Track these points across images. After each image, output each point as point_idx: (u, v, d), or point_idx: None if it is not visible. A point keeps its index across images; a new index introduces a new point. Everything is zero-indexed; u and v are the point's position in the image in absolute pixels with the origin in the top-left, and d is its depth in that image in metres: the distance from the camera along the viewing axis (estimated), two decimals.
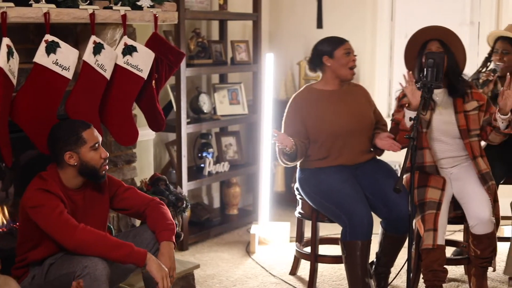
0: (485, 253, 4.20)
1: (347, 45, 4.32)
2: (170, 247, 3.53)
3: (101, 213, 3.63)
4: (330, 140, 4.26)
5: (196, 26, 5.77)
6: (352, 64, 4.29)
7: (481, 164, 4.25)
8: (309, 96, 4.35)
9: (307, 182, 4.33)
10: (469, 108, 4.26)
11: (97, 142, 3.47)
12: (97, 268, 3.25)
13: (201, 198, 6.14)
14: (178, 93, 5.20)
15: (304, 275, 4.78)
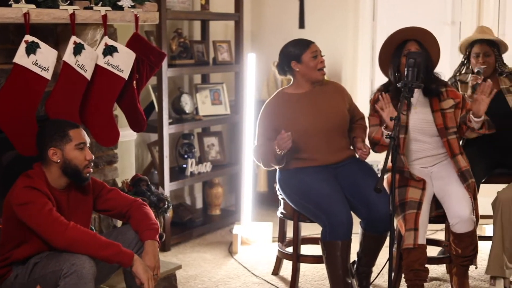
0: (466, 251, 4.22)
1: (313, 48, 4.33)
2: (155, 246, 3.53)
3: (85, 214, 3.61)
4: (304, 141, 4.27)
5: (178, 26, 5.76)
6: (321, 66, 4.31)
7: (460, 161, 4.27)
8: (280, 101, 4.37)
9: (286, 183, 4.34)
10: (445, 107, 4.27)
11: (83, 143, 3.46)
12: (84, 267, 3.24)
13: (183, 198, 6.13)
14: (160, 93, 5.18)
15: (286, 275, 4.78)
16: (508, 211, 4.15)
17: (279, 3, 6.72)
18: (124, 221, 3.74)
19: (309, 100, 4.34)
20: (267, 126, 4.34)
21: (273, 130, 4.29)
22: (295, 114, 4.30)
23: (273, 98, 4.44)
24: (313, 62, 4.28)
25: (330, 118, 4.32)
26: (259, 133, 4.39)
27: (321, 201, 4.13)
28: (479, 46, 4.78)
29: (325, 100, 4.36)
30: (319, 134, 4.28)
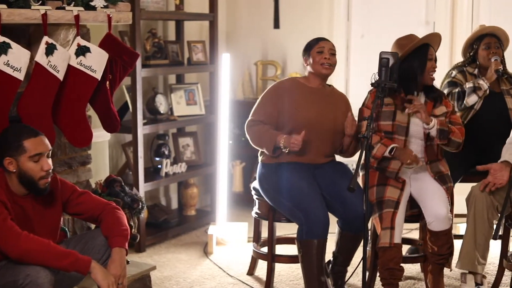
0: (442, 250, 4.24)
1: (322, 44, 4.38)
2: (122, 254, 3.45)
3: (53, 219, 3.54)
4: (297, 131, 4.23)
5: (152, 26, 5.74)
6: (324, 61, 4.32)
7: (439, 166, 4.30)
8: (291, 86, 4.40)
9: (267, 178, 4.34)
10: (438, 113, 4.31)
11: (40, 153, 3.35)
12: (39, 276, 3.17)
13: (158, 199, 6.11)
14: (134, 93, 5.16)
15: (261, 275, 4.78)
16: (481, 206, 4.17)
17: (254, 3, 6.72)
18: (97, 224, 3.70)
19: (316, 97, 4.36)
20: (271, 103, 4.34)
21: (274, 109, 4.31)
22: (301, 103, 4.31)
23: (286, 80, 4.50)
24: (317, 57, 4.33)
25: (331, 122, 4.33)
26: (259, 108, 4.37)
27: (299, 199, 4.14)
28: (490, 38, 4.87)
29: (330, 104, 4.39)
30: (316, 133, 4.28)
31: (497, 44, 4.85)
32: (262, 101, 4.39)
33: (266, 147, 4.27)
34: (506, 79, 4.87)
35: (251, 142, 4.38)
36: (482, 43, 4.87)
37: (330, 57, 4.34)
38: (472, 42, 4.94)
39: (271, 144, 4.23)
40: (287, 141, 4.17)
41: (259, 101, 4.41)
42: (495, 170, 4.17)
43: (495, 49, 4.84)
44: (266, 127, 4.29)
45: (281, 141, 4.19)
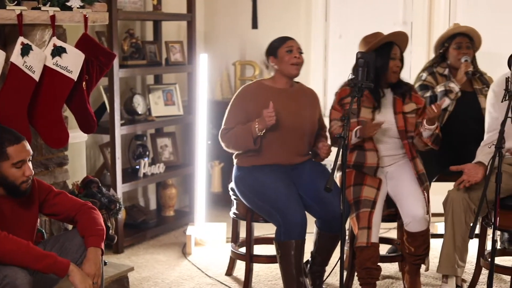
0: (419, 250, 4.27)
1: (289, 43, 4.34)
2: (97, 253, 3.42)
3: (30, 220, 3.52)
4: (269, 134, 4.25)
5: (130, 26, 5.73)
6: (294, 61, 4.31)
7: (418, 164, 4.32)
8: (257, 90, 4.37)
9: (242, 180, 4.33)
10: (407, 110, 4.33)
11: (23, 160, 3.32)
12: (17, 277, 3.15)
13: (137, 200, 6.09)
14: (112, 94, 5.15)
15: (240, 276, 4.78)
16: (459, 210, 4.18)
17: (232, 3, 6.72)
18: (74, 225, 3.68)
19: (284, 97, 4.34)
20: (240, 110, 4.32)
21: (245, 115, 4.29)
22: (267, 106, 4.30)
23: (251, 84, 4.46)
24: (287, 56, 4.30)
25: (301, 120, 4.33)
26: (230, 116, 4.35)
27: (276, 201, 4.14)
28: (462, 37, 4.90)
29: (300, 102, 4.38)
30: (285, 132, 4.28)
31: (468, 44, 4.89)
32: (231, 110, 4.37)
33: (245, 143, 4.25)
34: (478, 78, 4.90)
35: (229, 148, 4.36)
36: (454, 42, 4.91)
37: (300, 56, 4.33)
38: (444, 40, 4.97)
39: (249, 136, 4.21)
40: (261, 122, 4.16)
41: (229, 110, 4.38)
42: (469, 169, 4.19)
43: (465, 49, 4.86)
44: (235, 128, 4.28)
45: (256, 125, 4.17)
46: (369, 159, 4.27)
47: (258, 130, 4.18)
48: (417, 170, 4.31)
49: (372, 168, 4.25)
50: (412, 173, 4.31)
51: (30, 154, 3.37)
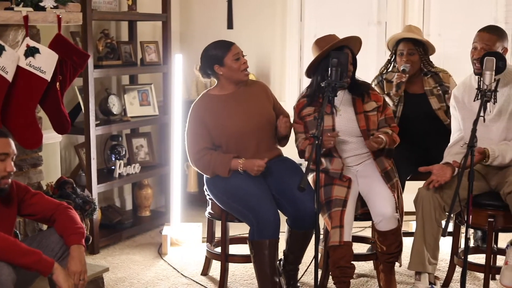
0: (391, 248, 4.29)
1: (234, 50, 4.31)
2: (81, 250, 3.47)
3: (9, 220, 3.53)
4: (233, 142, 4.29)
5: (104, 27, 5.71)
6: (244, 67, 4.32)
7: (384, 161, 4.34)
8: (206, 103, 4.36)
9: (213, 183, 4.34)
10: (368, 109, 4.35)
11: (7, 153, 3.35)
12: (3, 273, 3.18)
13: (112, 200, 6.08)
14: (86, 94, 5.13)
15: (215, 275, 4.78)
16: (429, 207, 4.22)
17: (207, 3, 6.72)
18: (50, 225, 3.68)
19: (234, 102, 4.35)
20: (200, 126, 4.31)
21: (205, 130, 4.30)
22: (221, 116, 4.31)
23: (198, 100, 4.43)
24: (236, 64, 4.28)
25: (257, 118, 4.34)
26: (193, 137, 4.34)
27: (248, 201, 4.15)
28: (404, 44, 4.85)
29: (250, 101, 4.38)
30: (246, 135, 4.30)
31: (411, 50, 4.83)
32: (192, 129, 4.35)
33: (220, 172, 4.28)
34: (430, 77, 4.89)
35: (205, 174, 4.37)
36: (398, 49, 4.88)
37: (246, 60, 4.33)
38: (392, 45, 4.95)
39: (226, 170, 4.25)
40: (248, 167, 4.22)
41: (189, 131, 4.37)
42: (437, 169, 4.23)
43: (407, 56, 4.83)
44: (213, 155, 4.28)
45: (240, 167, 4.23)
46: (334, 164, 4.29)
47: (240, 169, 4.23)
48: (382, 168, 4.33)
49: (337, 174, 4.28)
50: (377, 170, 4.33)
51: (14, 153, 3.41)
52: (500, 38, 4.29)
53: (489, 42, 4.26)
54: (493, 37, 4.28)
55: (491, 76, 3.89)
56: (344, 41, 4.32)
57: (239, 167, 4.25)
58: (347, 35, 4.35)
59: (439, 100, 4.83)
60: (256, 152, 4.32)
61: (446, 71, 4.96)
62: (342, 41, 4.32)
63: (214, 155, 4.28)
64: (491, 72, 3.90)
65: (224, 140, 4.29)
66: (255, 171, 4.22)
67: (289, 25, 6.46)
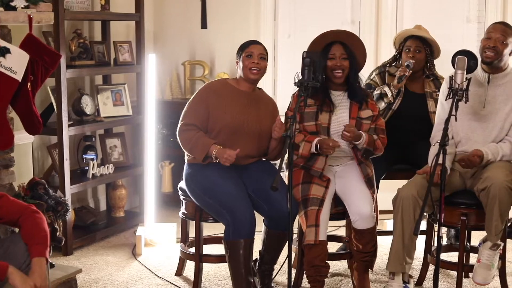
0: (367, 247, 4.30)
1: (251, 48, 4.36)
2: (41, 263, 3.35)
3: None
4: (225, 133, 4.28)
5: (77, 26, 5.68)
6: (252, 65, 4.32)
7: (366, 168, 4.35)
8: (221, 87, 4.39)
9: (193, 178, 4.33)
10: (364, 116, 4.35)
11: None
12: None
13: (86, 201, 6.04)
14: (59, 95, 5.09)
15: (190, 276, 4.76)
16: (408, 207, 4.22)
17: (181, 3, 6.71)
18: (18, 228, 3.62)
19: (242, 99, 4.36)
20: (201, 105, 4.32)
21: (205, 111, 4.30)
22: (229, 106, 4.31)
23: (214, 81, 4.51)
24: (246, 61, 4.33)
25: (257, 125, 4.35)
26: (190, 110, 4.34)
27: (225, 199, 4.15)
28: (412, 41, 4.90)
29: (258, 107, 4.40)
30: (240, 135, 4.29)
31: (418, 47, 4.88)
32: (193, 103, 4.37)
33: (197, 155, 4.28)
34: (431, 81, 4.93)
35: (182, 146, 4.37)
36: (405, 45, 4.93)
37: (260, 62, 4.33)
38: (400, 41, 5.00)
39: (203, 153, 4.24)
40: (220, 153, 4.20)
41: (190, 103, 4.39)
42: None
43: (413, 53, 4.87)
44: (198, 134, 4.28)
45: (214, 152, 4.22)
46: (317, 163, 4.30)
47: (213, 157, 4.23)
48: (365, 174, 4.34)
49: (317, 172, 4.29)
50: (360, 174, 4.34)
51: None
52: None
53: (504, 33, 4.29)
54: (508, 30, 4.31)
55: (463, 75, 3.92)
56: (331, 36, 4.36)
57: (213, 152, 4.23)
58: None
59: (436, 104, 4.86)
60: (240, 155, 4.31)
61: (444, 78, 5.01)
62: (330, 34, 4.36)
63: (200, 134, 4.28)
64: (462, 71, 3.93)
65: (217, 129, 4.29)
66: (224, 159, 4.19)
67: (263, 25, 6.46)
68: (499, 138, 4.35)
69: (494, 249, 4.19)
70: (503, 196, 4.07)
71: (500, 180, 4.08)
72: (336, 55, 4.32)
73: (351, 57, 4.35)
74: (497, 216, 4.10)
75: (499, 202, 4.07)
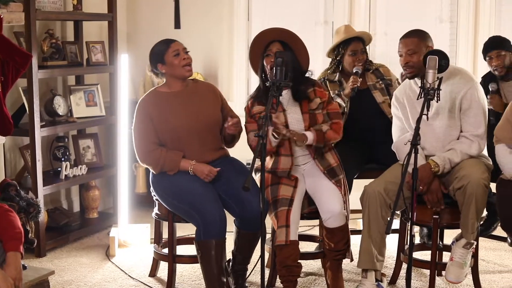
0: (339, 245, 4.31)
1: (174, 46, 4.36)
2: (17, 257, 3.41)
3: None
4: (176, 139, 4.29)
5: (50, 27, 5.64)
6: (184, 62, 4.32)
7: (325, 160, 4.35)
8: (154, 100, 4.37)
9: (159, 183, 4.33)
10: (314, 107, 4.36)
11: None
12: None
13: (60, 202, 6.00)
14: (31, 95, 5.06)
15: (163, 276, 4.75)
16: (375, 204, 4.25)
17: (154, 3, 6.69)
18: None
19: (181, 100, 4.35)
20: (146, 120, 4.31)
21: (151, 126, 4.30)
22: (166, 112, 4.31)
23: (146, 96, 4.44)
24: (176, 60, 4.30)
25: (202, 118, 4.33)
26: (143, 133, 4.33)
27: (193, 201, 4.14)
28: (356, 44, 4.91)
29: (197, 100, 4.38)
30: (191, 134, 4.30)
31: (363, 49, 4.92)
32: (139, 124, 4.35)
33: (169, 171, 4.29)
34: (371, 73, 4.96)
35: (153, 169, 4.36)
36: (349, 49, 4.92)
37: (188, 56, 4.34)
38: (338, 45, 4.98)
39: (175, 169, 4.27)
40: (198, 171, 4.23)
41: (136, 126, 4.36)
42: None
43: (360, 55, 4.90)
44: (162, 151, 4.28)
45: (190, 168, 4.25)
46: (281, 164, 4.30)
47: (190, 171, 4.24)
48: (324, 166, 4.35)
49: (285, 172, 4.29)
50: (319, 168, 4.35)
51: None
52: (422, 39, 4.34)
53: (411, 45, 4.32)
54: (414, 40, 4.34)
55: (434, 75, 3.94)
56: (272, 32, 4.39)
57: (189, 168, 4.23)
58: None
59: (382, 94, 4.89)
60: (200, 151, 4.32)
61: (384, 65, 5.06)
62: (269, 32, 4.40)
63: (164, 151, 4.27)
64: (433, 71, 3.95)
65: (169, 137, 4.28)
66: (205, 175, 4.22)
67: (237, 25, 6.46)
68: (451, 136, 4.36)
69: (467, 247, 4.22)
70: (480, 194, 4.11)
71: (477, 178, 4.11)
72: (272, 51, 4.31)
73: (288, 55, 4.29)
74: (473, 214, 4.14)
75: (476, 200, 4.10)
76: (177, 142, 4.30)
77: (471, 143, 4.29)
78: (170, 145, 4.30)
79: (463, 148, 4.28)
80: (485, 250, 5.30)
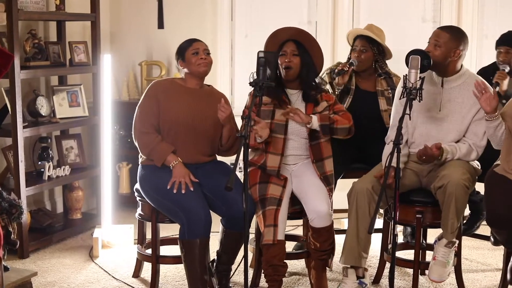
0: (324, 245, 4.32)
1: (195, 45, 4.40)
2: None
3: None
4: (175, 130, 4.29)
5: (32, 27, 5.61)
6: (200, 62, 4.34)
7: (324, 166, 4.37)
8: (168, 86, 4.40)
9: (147, 179, 4.33)
10: (320, 110, 4.37)
11: None
12: None
13: (43, 203, 5.98)
14: (13, 96, 5.03)
15: (147, 277, 4.74)
16: (363, 201, 4.25)
17: (138, 3, 6.67)
18: None
19: (191, 97, 4.37)
20: (153, 101, 4.34)
21: (157, 108, 4.32)
22: (172, 102, 4.31)
23: (162, 80, 4.50)
24: (193, 59, 4.35)
25: (204, 121, 4.35)
26: (143, 116, 4.34)
27: (179, 199, 4.14)
28: (359, 40, 4.96)
29: (205, 104, 4.39)
30: (188, 132, 4.30)
31: (365, 47, 4.93)
32: (145, 103, 4.36)
33: (155, 160, 4.30)
34: (383, 79, 4.97)
35: (140, 150, 4.37)
36: (354, 44, 4.99)
37: (206, 57, 4.37)
38: (351, 39, 5.05)
39: (161, 160, 4.28)
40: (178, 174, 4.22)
41: (142, 103, 4.38)
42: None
43: (359, 52, 4.93)
44: (157, 139, 4.30)
45: (172, 164, 4.25)
46: (269, 162, 4.31)
47: (171, 166, 4.25)
48: (321, 172, 4.36)
49: (274, 171, 4.30)
50: (315, 172, 4.35)
51: None
52: (454, 39, 4.30)
53: (441, 38, 4.31)
54: (447, 35, 4.30)
55: (416, 74, 3.96)
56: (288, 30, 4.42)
57: (171, 164, 4.24)
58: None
59: (387, 103, 4.89)
60: (193, 152, 4.32)
61: (398, 76, 5.00)
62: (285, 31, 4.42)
63: (158, 139, 4.30)
64: (416, 70, 3.97)
65: (167, 126, 4.30)
66: (178, 179, 4.21)
67: (220, 25, 6.46)
68: (455, 141, 4.38)
69: (450, 246, 4.23)
70: (460, 194, 4.11)
71: (457, 178, 4.12)
72: (287, 51, 4.35)
73: (303, 54, 4.38)
74: (453, 213, 4.14)
75: (456, 200, 4.11)
76: (174, 135, 4.30)
77: (472, 151, 4.32)
78: (166, 137, 4.30)
79: (467, 151, 4.31)
80: (468, 249, 5.33)
